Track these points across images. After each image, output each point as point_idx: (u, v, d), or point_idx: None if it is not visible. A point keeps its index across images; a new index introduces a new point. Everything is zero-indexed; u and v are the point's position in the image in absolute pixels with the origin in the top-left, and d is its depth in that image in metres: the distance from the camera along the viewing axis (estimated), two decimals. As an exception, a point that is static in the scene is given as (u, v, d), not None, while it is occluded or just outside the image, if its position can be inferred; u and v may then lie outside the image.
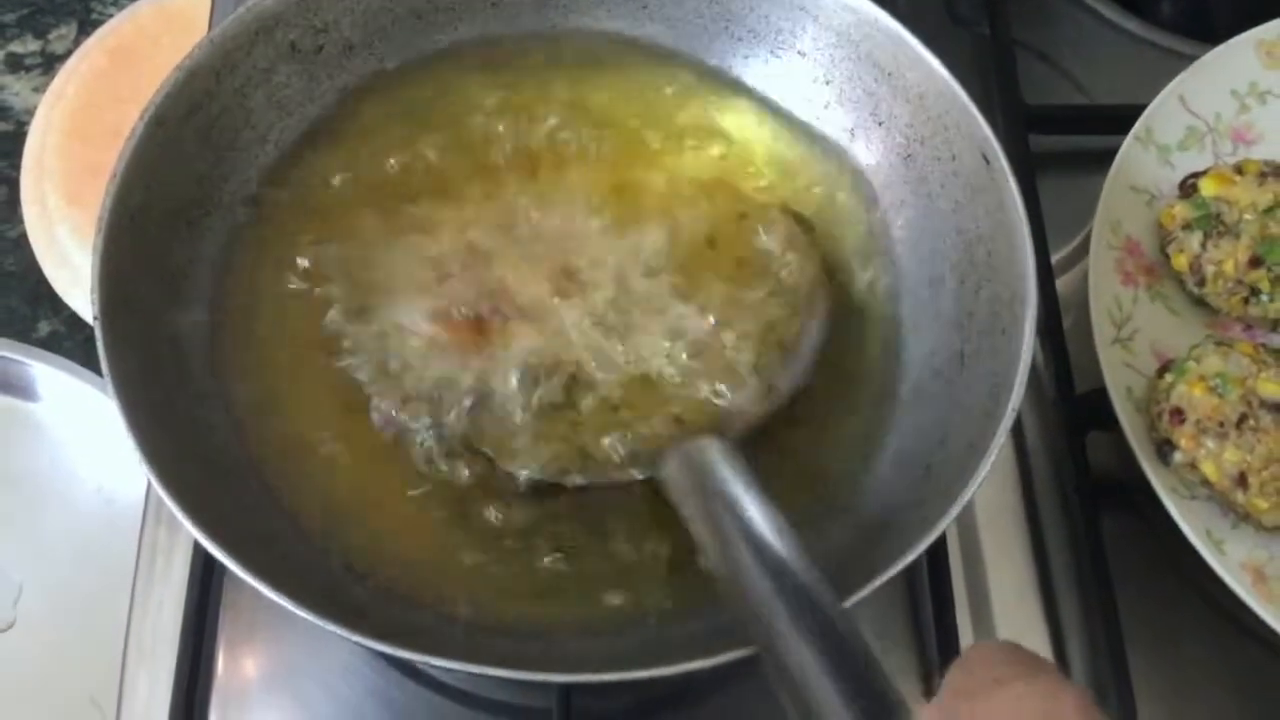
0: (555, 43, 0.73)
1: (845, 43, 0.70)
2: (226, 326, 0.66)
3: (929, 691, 0.68)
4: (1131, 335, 0.73)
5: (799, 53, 0.72)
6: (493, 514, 0.63)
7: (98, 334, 0.58)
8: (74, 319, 0.92)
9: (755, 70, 0.73)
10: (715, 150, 0.72)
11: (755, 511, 0.55)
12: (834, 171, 0.71)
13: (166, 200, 0.64)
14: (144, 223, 0.62)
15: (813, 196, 0.71)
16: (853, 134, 0.71)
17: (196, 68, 0.65)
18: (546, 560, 0.62)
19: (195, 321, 0.65)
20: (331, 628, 0.53)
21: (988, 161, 0.64)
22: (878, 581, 0.55)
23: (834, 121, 0.72)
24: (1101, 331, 0.71)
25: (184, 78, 0.64)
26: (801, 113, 0.73)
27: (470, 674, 0.54)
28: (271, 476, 0.63)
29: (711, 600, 0.60)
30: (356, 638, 0.53)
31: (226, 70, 0.66)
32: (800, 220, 0.70)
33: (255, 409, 0.65)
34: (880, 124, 0.70)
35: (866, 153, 0.71)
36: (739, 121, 0.73)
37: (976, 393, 0.62)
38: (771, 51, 0.72)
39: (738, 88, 0.73)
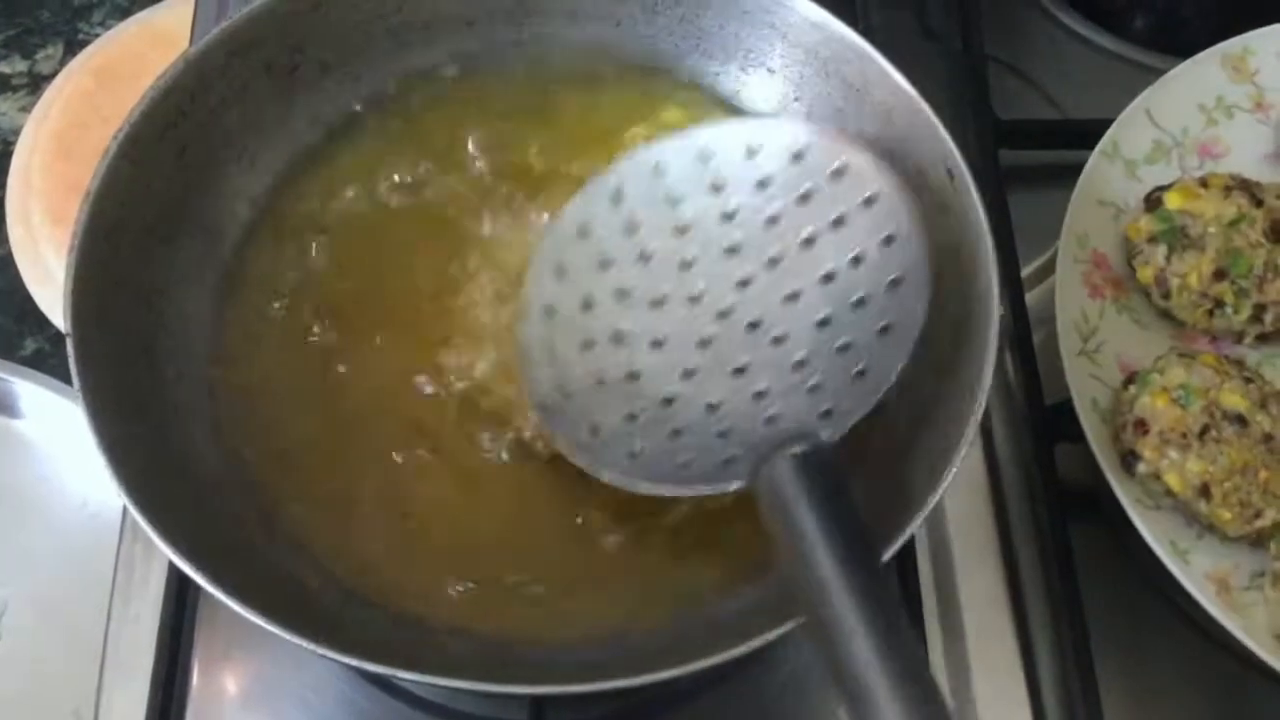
0: (529, 62, 0.74)
1: (813, 60, 0.70)
2: (202, 341, 0.67)
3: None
4: (1098, 347, 0.73)
5: (768, 70, 0.72)
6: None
7: (70, 349, 0.59)
8: (59, 337, 0.92)
9: (725, 88, 0.74)
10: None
11: (826, 524, 0.53)
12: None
13: (141, 218, 0.65)
14: (118, 240, 0.63)
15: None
16: (822, 150, 0.71)
17: (171, 87, 0.65)
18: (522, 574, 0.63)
19: (170, 337, 0.65)
20: (303, 643, 0.53)
21: (952, 177, 0.64)
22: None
23: (803, 138, 0.72)
24: (1068, 343, 0.72)
25: (158, 97, 0.65)
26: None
27: (444, 687, 0.55)
28: (247, 489, 0.64)
29: (683, 610, 0.61)
30: (328, 653, 0.53)
31: (201, 90, 0.66)
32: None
33: (231, 421, 0.65)
34: (849, 140, 0.71)
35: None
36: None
37: (942, 403, 0.62)
38: (741, 69, 0.73)
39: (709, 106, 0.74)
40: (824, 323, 0.61)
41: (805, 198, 0.63)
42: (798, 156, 0.63)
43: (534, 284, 0.64)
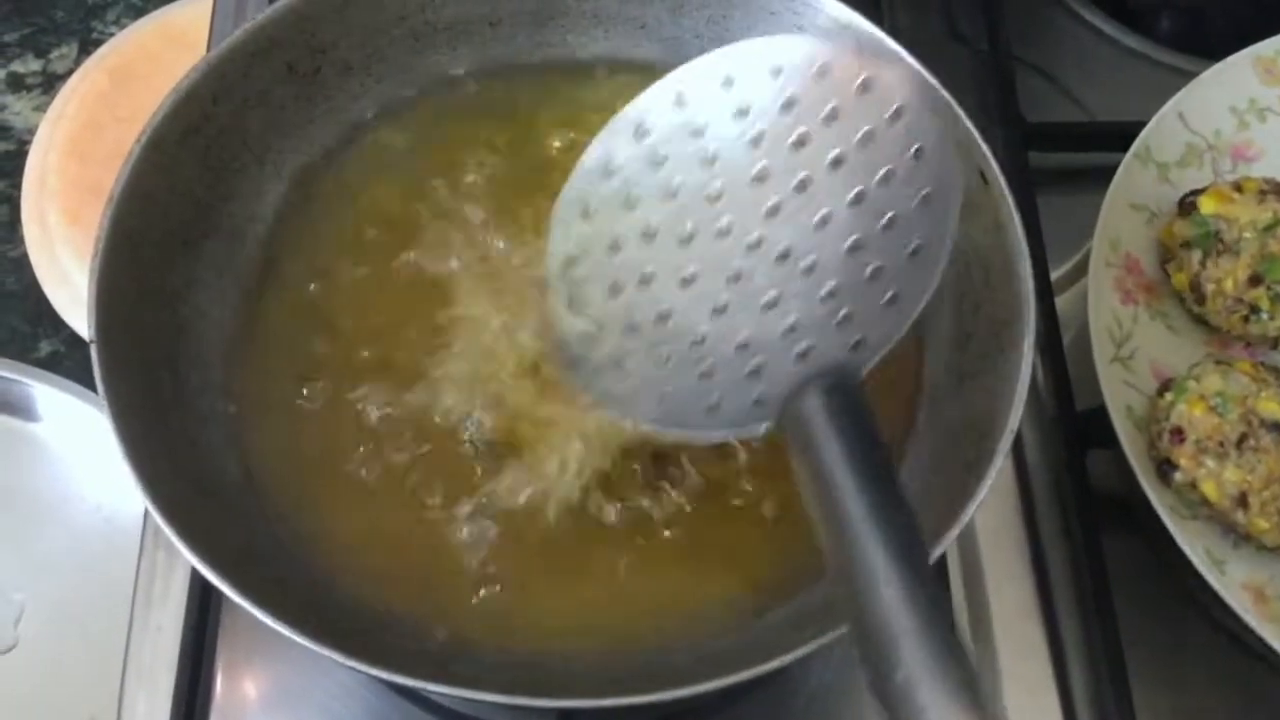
0: (552, 64, 0.74)
1: (843, 62, 0.69)
2: (225, 349, 0.66)
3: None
4: (1131, 354, 0.73)
5: (797, 72, 0.71)
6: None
7: (94, 357, 0.58)
8: (74, 338, 0.92)
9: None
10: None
11: (852, 453, 0.52)
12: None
13: (164, 223, 0.64)
14: (141, 245, 0.62)
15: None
16: (850, 154, 0.70)
17: (193, 90, 0.64)
18: (548, 586, 0.62)
19: (193, 344, 0.65)
20: (330, 654, 0.52)
21: (986, 181, 0.64)
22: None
23: (832, 141, 0.71)
24: (1101, 350, 0.71)
25: (181, 100, 0.64)
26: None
27: (471, 700, 0.54)
28: (272, 498, 0.63)
29: (711, 624, 0.61)
30: (356, 664, 0.53)
31: (223, 93, 0.66)
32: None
33: (255, 430, 0.64)
34: (878, 143, 0.70)
35: (865, 172, 0.70)
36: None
37: (975, 412, 0.62)
38: (769, 71, 0.72)
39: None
40: (854, 248, 0.59)
41: (832, 116, 0.60)
42: (822, 74, 0.60)
43: (560, 228, 0.63)
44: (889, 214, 0.59)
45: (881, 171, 0.59)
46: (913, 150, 0.59)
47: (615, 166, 0.62)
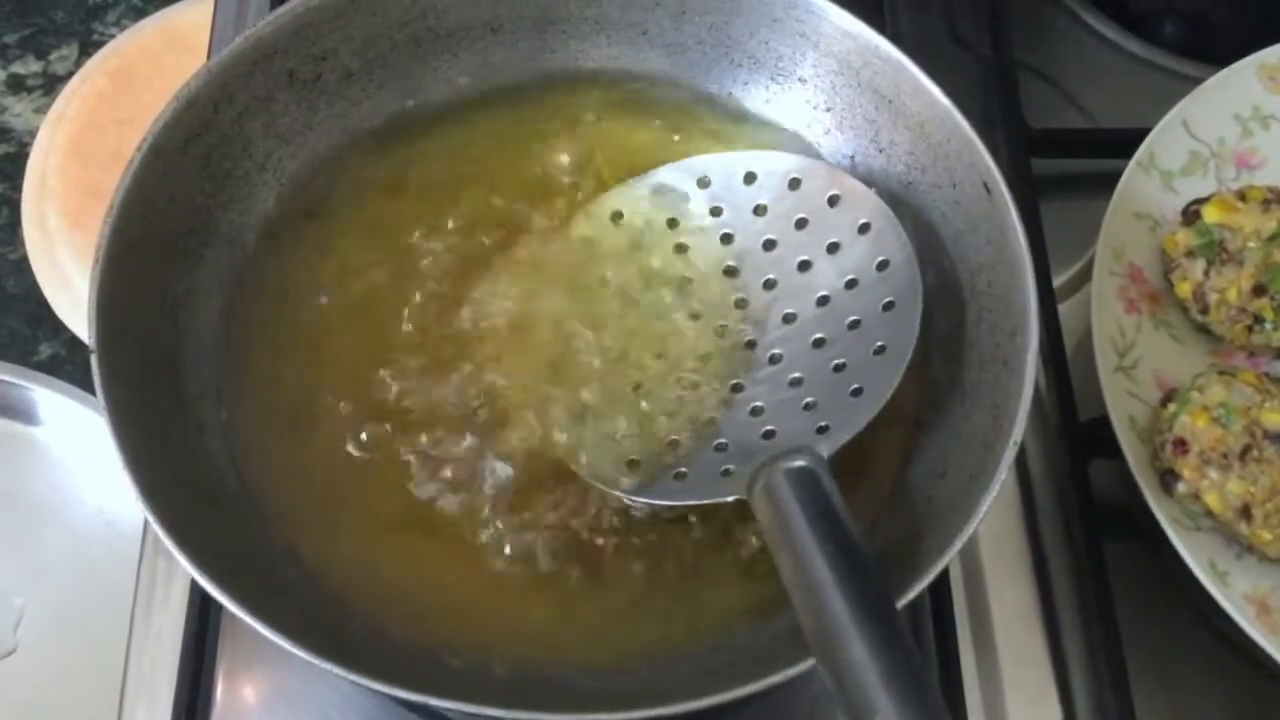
0: (554, 70, 0.73)
1: (846, 69, 0.69)
2: (225, 356, 0.66)
3: None
4: (1134, 363, 0.72)
5: (799, 79, 0.71)
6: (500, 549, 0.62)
7: (94, 365, 0.58)
8: (75, 342, 0.92)
9: (755, 97, 0.73)
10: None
11: (828, 539, 0.53)
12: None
13: (164, 230, 0.64)
14: (142, 253, 0.62)
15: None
16: (853, 161, 0.70)
17: (194, 97, 0.64)
18: (552, 598, 0.62)
19: (193, 352, 0.65)
20: (329, 667, 0.52)
21: (989, 191, 0.63)
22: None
23: (834, 149, 0.71)
24: (1104, 359, 0.71)
25: (182, 107, 0.64)
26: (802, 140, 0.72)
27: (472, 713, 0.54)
28: (271, 508, 0.63)
29: (713, 637, 0.60)
30: (355, 678, 0.52)
31: (224, 99, 0.66)
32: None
33: (255, 439, 0.64)
34: (881, 151, 0.69)
35: (867, 181, 0.70)
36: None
37: (978, 424, 0.61)
38: (771, 78, 0.72)
39: (738, 116, 0.73)
40: (820, 343, 0.63)
41: (801, 224, 0.66)
42: (794, 184, 0.67)
43: (545, 301, 0.67)
44: (853, 316, 0.63)
45: (847, 278, 0.64)
46: (877, 262, 0.64)
47: (596, 248, 0.68)
